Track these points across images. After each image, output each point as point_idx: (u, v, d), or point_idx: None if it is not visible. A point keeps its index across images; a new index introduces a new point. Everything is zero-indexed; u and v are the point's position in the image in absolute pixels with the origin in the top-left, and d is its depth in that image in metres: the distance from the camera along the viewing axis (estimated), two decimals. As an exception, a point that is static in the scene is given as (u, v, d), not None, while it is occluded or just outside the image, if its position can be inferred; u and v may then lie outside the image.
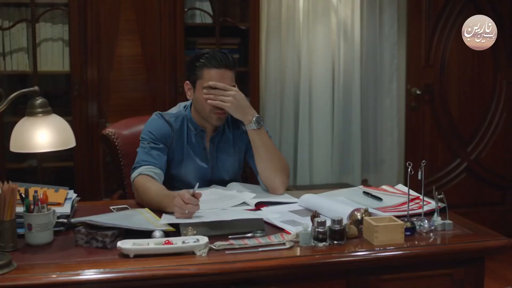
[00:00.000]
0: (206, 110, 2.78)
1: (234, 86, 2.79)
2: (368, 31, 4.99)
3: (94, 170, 4.25)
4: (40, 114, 2.02)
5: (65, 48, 4.25)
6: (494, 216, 5.17)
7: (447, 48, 5.18)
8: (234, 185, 2.88)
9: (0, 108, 1.95)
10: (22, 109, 2.08)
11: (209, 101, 2.75)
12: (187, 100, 2.96)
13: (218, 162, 2.91)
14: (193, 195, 2.35)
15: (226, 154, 2.93)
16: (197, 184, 2.43)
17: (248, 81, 4.50)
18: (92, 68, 4.23)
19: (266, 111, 4.82)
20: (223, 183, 2.91)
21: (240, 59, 4.53)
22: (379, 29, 5.01)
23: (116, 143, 3.19)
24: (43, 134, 2.01)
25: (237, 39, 4.59)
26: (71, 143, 2.08)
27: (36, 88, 2.01)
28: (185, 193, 2.36)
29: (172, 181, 2.82)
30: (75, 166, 4.25)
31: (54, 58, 4.26)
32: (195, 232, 2.18)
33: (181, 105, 2.97)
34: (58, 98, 4.29)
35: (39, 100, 2.02)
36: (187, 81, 2.84)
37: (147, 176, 2.69)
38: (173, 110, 2.96)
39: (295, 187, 4.68)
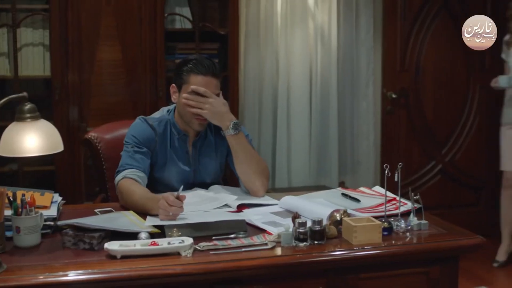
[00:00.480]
0: (188, 115, 2.83)
1: (218, 93, 2.84)
2: (344, 36, 5.05)
3: (75, 174, 4.28)
4: (28, 120, 2.08)
5: (46, 53, 4.27)
6: (469, 216, 5.26)
7: (422, 53, 5.28)
8: (215, 187, 2.94)
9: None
10: (7, 114, 2.13)
11: (188, 108, 2.81)
12: (166, 104, 3.00)
13: (200, 166, 2.97)
14: (178, 198, 2.41)
15: (208, 158, 2.98)
16: (182, 187, 2.49)
17: (227, 85, 4.56)
18: (73, 72, 4.25)
19: (245, 114, 4.87)
20: (205, 186, 2.96)
21: (220, 63, 4.57)
22: (355, 34, 5.08)
23: (99, 147, 3.24)
24: (32, 139, 2.06)
25: (216, 44, 4.64)
26: (59, 147, 2.14)
27: (25, 94, 2.06)
28: (170, 195, 2.42)
29: (155, 184, 2.87)
30: (56, 170, 4.28)
31: (35, 62, 4.28)
32: (180, 233, 2.23)
33: (164, 110, 3.02)
34: (39, 102, 4.22)
35: (27, 106, 2.08)
36: (173, 84, 2.89)
37: (131, 179, 2.74)
38: (156, 114, 3.01)
39: (273, 190, 4.74)
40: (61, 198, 2.58)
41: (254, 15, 4.84)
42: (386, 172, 2.39)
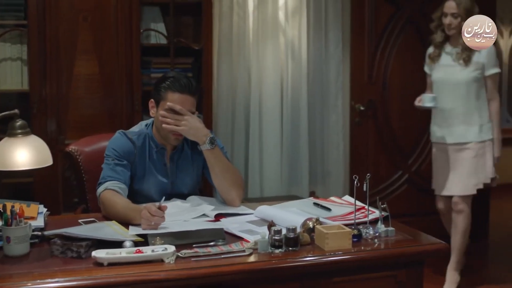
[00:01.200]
0: (165, 130, 2.95)
1: (194, 112, 2.96)
2: (314, 50, 5.16)
3: (53, 185, 4.35)
4: (20, 135, 2.20)
5: (24, 67, 4.35)
6: (434, 224, 5.35)
7: (388, 66, 5.42)
8: (193, 198, 3.05)
9: (-16, 130, 2.11)
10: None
11: (164, 125, 2.92)
12: (142, 117, 3.10)
13: (177, 178, 3.08)
14: (159, 208, 2.54)
15: (185, 170, 3.10)
16: (163, 198, 2.63)
17: (201, 98, 4.69)
18: (51, 86, 4.34)
19: (218, 127, 4.97)
20: (183, 196, 3.07)
21: (194, 77, 4.69)
22: (324, 48, 5.19)
23: (79, 160, 3.34)
24: (23, 154, 2.19)
25: (190, 58, 4.75)
26: (49, 161, 2.26)
27: (16, 111, 2.18)
28: (152, 206, 2.55)
29: (135, 196, 2.97)
30: (34, 182, 4.35)
31: (13, 77, 4.36)
32: (162, 241, 2.36)
33: (142, 124, 3.14)
34: (18, 116, 4.39)
35: (19, 122, 2.20)
36: (152, 99, 3.00)
37: (112, 190, 2.85)
38: (135, 128, 3.13)
39: (246, 200, 4.82)
40: (46, 209, 2.70)
41: (227, 30, 4.94)
42: (356, 182, 2.55)
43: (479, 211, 5.67)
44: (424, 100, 4.51)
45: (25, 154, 2.19)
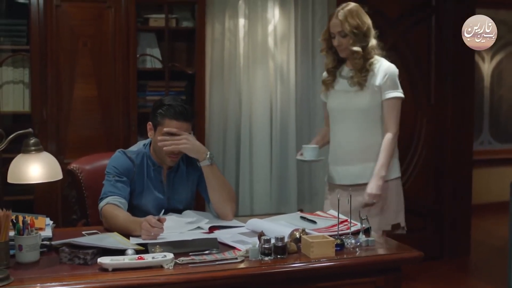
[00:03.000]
0: (163, 153, 3.16)
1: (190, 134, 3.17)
2: (302, 74, 5.32)
3: (53, 202, 4.55)
4: (33, 152, 2.41)
5: (26, 90, 4.57)
6: (418, 240, 5.52)
7: (373, 90, 5.60)
8: (188, 212, 3.25)
9: (1, 147, 2.33)
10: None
11: (164, 148, 3.12)
12: (137, 138, 3.28)
13: (173, 194, 3.28)
14: (159, 220, 2.76)
15: (181, 187, 3.30)
16: (163, 211, 2.85)
17: (194, 120, 4.89)
18: (52, 108, 4.55)
19: (211, 147, 5.09)
20: (178, 211, 3.26)
21: (187, 100, 4.91)
22: (312, 72, 5.34)
23: (80, 177, 3.53)
24: (36, 168, 2.40)
25: (184, 82, 4.95)
26: (59, 175, 2.47)
27: (30, 130, 2.40)
28: (152, 218, 2.76)
29: (133, 211, 3.14)
30: (35, 199, 4.53)
31: (15, 99, 4.57)
32: (162, 250, 2.57)
33: (141, 144, 3.34)
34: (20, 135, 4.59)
35: (32, 140, 2.42)
36: (150, 122, 3.21)
37: (113, 205, 3.05)
38: (134, 148, 3.34)
39: (237, 216, 5.02)
40: (52, 221, 2.91)
41: (218, 55, 5.11)
42: (338, 197, 2.78)
43: (461, 229, 5.90)
44: (305, 153, 3.73)
45: (38, 169, 2.40)
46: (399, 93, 3.69)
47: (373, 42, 3.66)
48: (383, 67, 3.65)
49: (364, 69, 3.63)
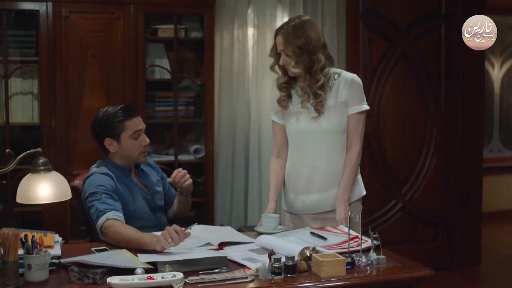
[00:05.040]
0: (135, 154, 3.31)
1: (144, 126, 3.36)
2: None
3: (61, 214, 4.55)
4: (42, 172, 2.40)
5: (35, 101, 4.58)
6: (428, 251, 5.57)
7: (382, 99, 5.61)
8: (197, 227, 3.24)
9: (10, 167, 2.32)
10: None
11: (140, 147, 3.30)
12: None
13: (152, 190, 3.43)
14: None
15: (152, 182, 3.46)
16: (195, 224, 3.06)
17: (203, 130, 4.89)
18: (60, 119, 4.56)
19: (219, 157, 5.14)
20: (161, 209, 3.44)
21: (196, 110, 4.92)
22: None
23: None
24: (45, 188, 2.39)
25: (193, 92, 4.97)
26: (68, 195, 2.46)
27: (39, 149, 2.39)
28: (178, 226, 2.79)
29: (132, 223, 3.15)
30: (43, 211, 4.54)
31: (24, 110, 4.58)
32: (171, 268, 2.55)
33: (98, 164, 3.38)
34: (28, 147, 4.59)
35: (41, 160, 2.41)
36: (108, 138, 3.29)
37: (115, 220, 3.04)
38: (99, 166, 3.35)
39: (246, 228, 5.00)
40: (61, 238, 2.89)
41: (227, 65, 5.13)
42: (349, 213, 2.75)
43: (471, 239, 5.87)
44: (264, 224, 3.26)
45: (47, 189, 2.39)
46: (365, 106, 3.36)
47: (321, 58, 3.26)
48: (346, 80, 3.31)
49: (321, 89, 3.26)
